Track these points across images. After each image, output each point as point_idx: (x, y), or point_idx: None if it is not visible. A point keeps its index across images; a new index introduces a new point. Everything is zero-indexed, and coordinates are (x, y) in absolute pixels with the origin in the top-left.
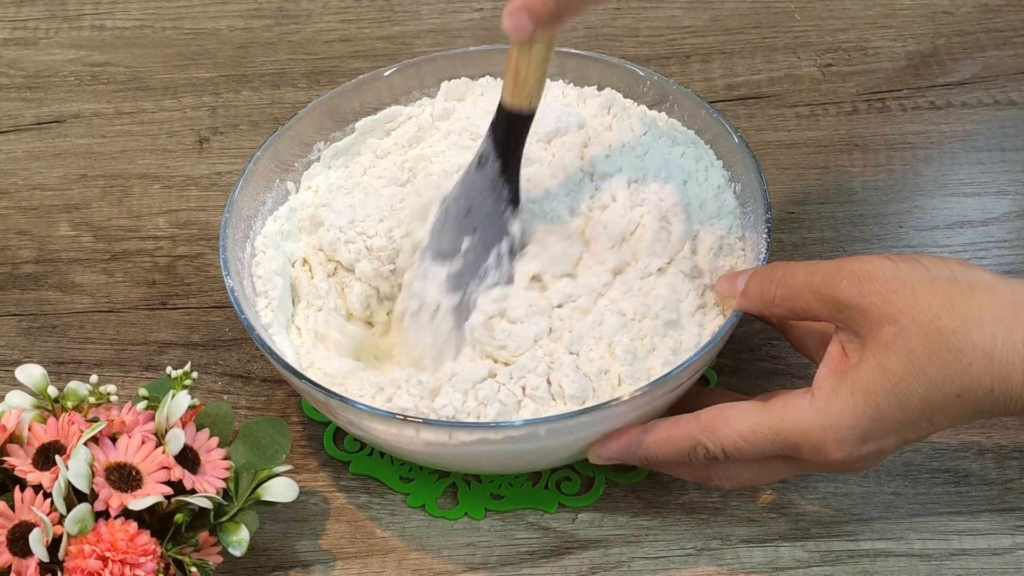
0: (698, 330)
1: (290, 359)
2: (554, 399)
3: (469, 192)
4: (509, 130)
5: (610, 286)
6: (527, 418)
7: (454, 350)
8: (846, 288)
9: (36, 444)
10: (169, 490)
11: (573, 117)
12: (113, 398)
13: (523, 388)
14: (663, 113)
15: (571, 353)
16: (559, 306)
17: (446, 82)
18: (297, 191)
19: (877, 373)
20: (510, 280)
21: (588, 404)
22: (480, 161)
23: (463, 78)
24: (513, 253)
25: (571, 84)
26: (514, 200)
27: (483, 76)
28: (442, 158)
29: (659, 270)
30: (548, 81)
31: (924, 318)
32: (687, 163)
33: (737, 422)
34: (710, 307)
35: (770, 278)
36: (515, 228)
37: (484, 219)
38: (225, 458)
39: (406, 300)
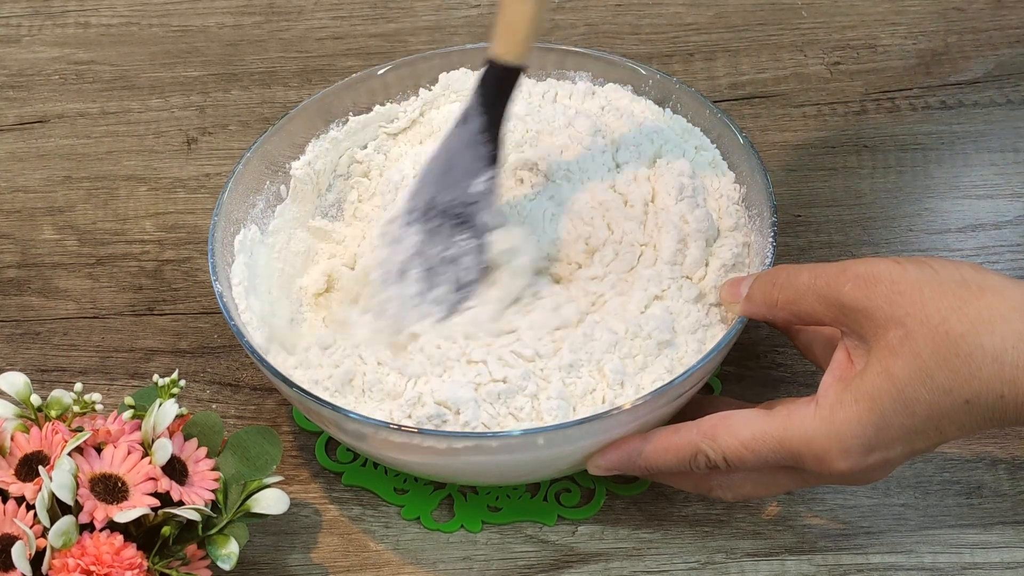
0: (698, 346)
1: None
2: (532, 422)
3: (450, 148)
4: (499, 84)
5: (603, 304)
6: (526, 427)
7: (416, 315)
8: (851, 291)
9: (19, 454)
10: (156, 502)
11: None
12: (98, 407)
13: (507, 407)
14: (667, 109)
15: (560, 370)
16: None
17: (444, 74)
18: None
19: (883, 379)
20: (481, 254)
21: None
22: (464, 117)
23: (462, 69)
24: (486, 223)
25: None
26: (493, 159)
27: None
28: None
29: (656, 298)
30: (570, 85)
31: (932, 321)
32: (701, 169)
33: (739, 430)
34: (715, 324)
35: (773, 282)
36: (492, 190)
37: (463, 177)
38: (214, 469)
39: (374, 268)
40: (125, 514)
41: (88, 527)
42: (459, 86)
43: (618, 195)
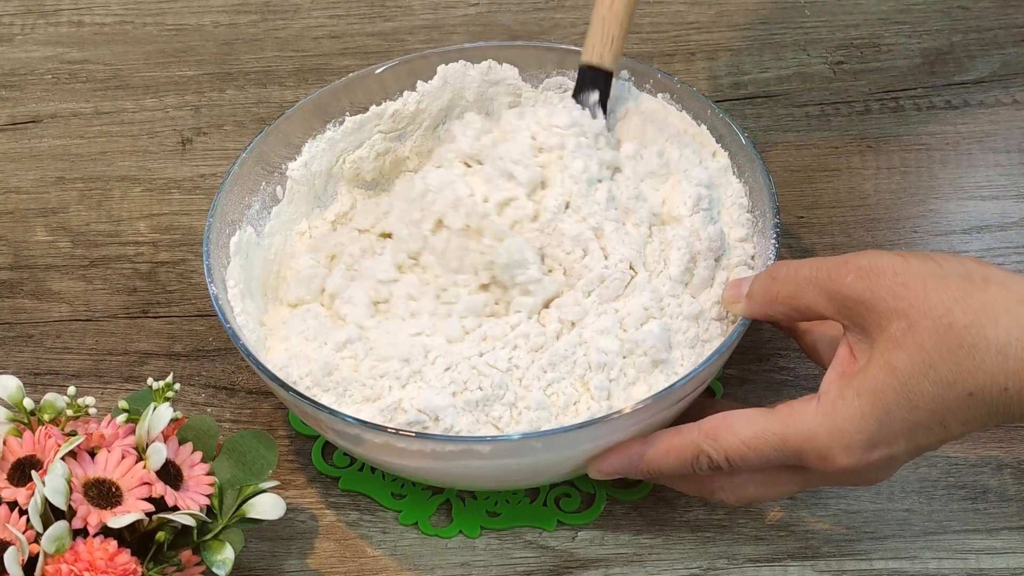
0: (696, 360)
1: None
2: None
3: None
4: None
5: (591, 316)
6: (524, 431)
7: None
8: (853, 282)
9: (11, 459)
10: (150, 507)
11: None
12: (92, 411)
13: (486, 415)
14: (675, 106)
15: (539, 379)
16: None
17: (443, 66)
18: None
19: (885, 372)
20: None
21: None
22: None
23: (461, 61)
24: None
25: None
26: None
27: (484, 60)
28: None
29: (651, 316)
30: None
31: (935, 313)
32: (718, 177)
33: (740, 428)
34: (715, 339)
35: (773, 276)
36: None
37: None
38: (209, 473)
39: None
40: (119, 519)
41: (82, 532)
42: (456, 79)
43: (621, 212)
